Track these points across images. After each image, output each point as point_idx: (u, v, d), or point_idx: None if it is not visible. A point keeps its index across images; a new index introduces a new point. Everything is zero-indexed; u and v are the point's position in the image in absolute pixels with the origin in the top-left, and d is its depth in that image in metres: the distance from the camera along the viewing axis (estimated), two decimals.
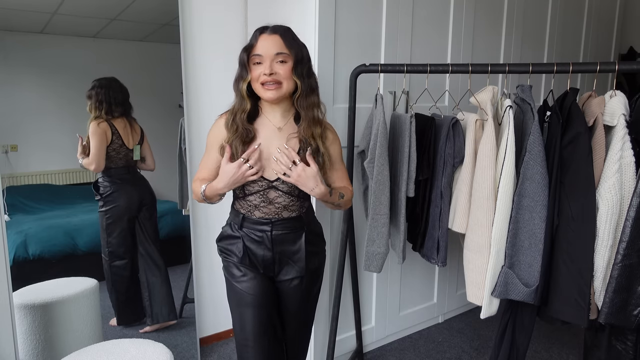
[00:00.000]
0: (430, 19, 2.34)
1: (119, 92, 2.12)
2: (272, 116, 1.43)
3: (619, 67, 1.48)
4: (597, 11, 3.33)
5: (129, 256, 2.21)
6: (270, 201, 1.42)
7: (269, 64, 1.33)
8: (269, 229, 1.43)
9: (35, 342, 1.92)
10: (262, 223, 1.43)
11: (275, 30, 1.35)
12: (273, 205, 1.42)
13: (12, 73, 1.88)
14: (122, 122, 2.14)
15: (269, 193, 1.41)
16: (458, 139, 1.74)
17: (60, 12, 1.92)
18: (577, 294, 1.49)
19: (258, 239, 1.44)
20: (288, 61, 1.34)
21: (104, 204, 2.14)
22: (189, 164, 2.27)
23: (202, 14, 2.24)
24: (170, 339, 2.30)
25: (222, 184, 1.37)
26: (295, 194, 1.43)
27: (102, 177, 2.14)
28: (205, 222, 2.39)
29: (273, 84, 1.34)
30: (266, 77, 1.33)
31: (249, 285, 1.44)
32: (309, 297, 1.58)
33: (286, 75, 1.34)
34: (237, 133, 1.38)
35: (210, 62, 2.28)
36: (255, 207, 1.43)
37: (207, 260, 2.45)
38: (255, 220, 1.44)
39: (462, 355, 2.45)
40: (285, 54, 1.34)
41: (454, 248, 2.46)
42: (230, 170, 1.35)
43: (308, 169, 1.35)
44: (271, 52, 1.33)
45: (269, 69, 1.32)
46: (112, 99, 2.09)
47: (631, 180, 1.42)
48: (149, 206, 2.29)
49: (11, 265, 1.81)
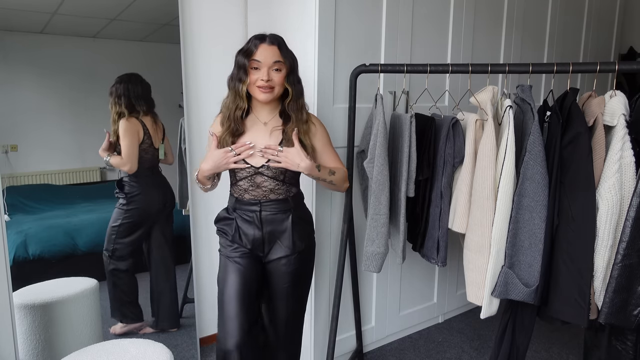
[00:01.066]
0: (430, 18, 2.34)
1: (139, 86, 2.08)
2: (260, 113, 1.61)
3: (619, 67, 1.48)
4: (597, 11, 3.33)
5: (133, 258, 2.19)
6: (258, 185, 1.59)
7: (267, 71, 1.50)
8: (258, 209, 1.59)
9: (35, 342, 1.92)
10: (252, 204, 1.60)
11: (273, 42, 1.53)
12: (260, 188, 1.59)
13: (12, 73, 1.88)
14: (149, 120, 2.13)
15: (255, 178, 1.58)
16: (458, 139, 1.74)
17: (60, 12, 1.92)
18: (577, 294, 1.49)
19: (249, 218, 1.60)
20: (282, 69, 1.53)
21: (126, 202, 2.11)
22: (189, 164, 2.27)
23: (202, 14, 2.24)
24: (170, 339, 2.30)
25: (207, 165, 1.56)
26: (281, 179, 1.58)
27: (128, 176, 2.11)
28: (205, 222, 2.39)
29: (267, 88, 1.51)
30: (263, 83, 1.50)
31: (237, 255, 1.62)
32: (298, 279, 1.67)
33: (279, 82, 1.53)
34: (230, 129, 1.56)
35: (210, 62, 2.28)
36: (245, 191, 1.60)
37: (207, 260, 2.45)
38: (246, 202, 1.61)
39: (462, 355, 2.45)
40: (281, 63, 1.52)
41: (454, 248, 2.46)
42: (216, 155, 1.54)
43: (291, 148, 1.52)
44: (269, 61, 1.50)
45: (267, 76, 1.50)
46: (131, 92, 2.06)
47: (631, 180, 1.42)
48: (169, 209, 2.28)
49: (11, 265, 1.81)
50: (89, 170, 2.16)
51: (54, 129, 2.03)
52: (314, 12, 1.94)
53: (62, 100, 2.03)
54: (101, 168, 2.19)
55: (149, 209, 2.19)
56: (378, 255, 1.86)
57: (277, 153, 1.52)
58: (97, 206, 2.14)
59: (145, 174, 2.15)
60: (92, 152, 2.13)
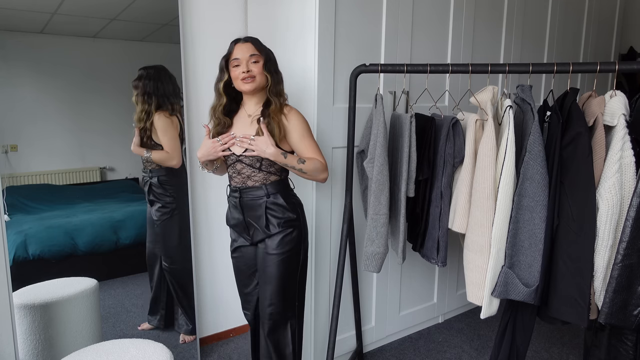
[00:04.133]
0: (430, 18, 2.34)
1: (169, 84, 2.07)
2: (248, 107, 1.77)
3: (619, 67, 1.48)
4: (597, 11, 3.33)
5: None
6: (239, 172, 1.75)
7: (245, 64, 1.67)
8: (238, 195, 1.76)
9: (35, 342, 1.92)
10: (235, 190, 1.77)
11: (247, 40, 1.71)
12: (240, 175, 1.75)
13: (12, 73, 1.88)
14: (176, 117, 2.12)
15: (236, 165, 1.75)
16: (458, 139, 1.74)
17: (60, 12, 1.92)
18: (577, 294, 1.49)
19: (234, 203, 1.79)
20: (259, 61, 1.69)
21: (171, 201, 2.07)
22: (189, 163, 2.27)
23: (202, 14, 2.24)
24: (170, 339, 2.30)
25: (200, 153, 1.76)
26: (257, 166, 1.72)
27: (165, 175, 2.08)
28: (205, 222, 2.39)
29: (249, 78, 1.68)
30: (244, 74, 1.67)
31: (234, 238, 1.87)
32: (279, 263, 1.75)
33: (259, 71, 1.69)
34: (219, 124, 1.76)
35: (211, 62, 2.28)
36: (231, 178, 1.79)
37: (207, 260, 2.45)
38: (232, 188, 1.79)
39: (462, 355, 2.45)
40: (257, 55, 1.69)
41: (454, 248, 2.46)
42: (207, 143, 1.73)
43: (261, 137, 1.66)
44: (246, 55, 1.68)
45: (246, 67, 1.67)
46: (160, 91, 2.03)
47: (631, 180, 1.42)
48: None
49: (11, 265, 1.81)
50: (89, 170, 2.16)
51: (54, 128, 2.03)
52: (314, 12, 1.94)
53: (62, 100, 2.03)
54: (101, 168, 2.19)
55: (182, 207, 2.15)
56: (378, 256, 1.86)
57: (250, 141, 1.67)
58: (97, 206, 2.15)
59: (180, 172, 2.13)
60: (92, 152, 2.13)
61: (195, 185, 2.33)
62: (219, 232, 2.44)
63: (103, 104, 2.10)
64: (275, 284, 1.75)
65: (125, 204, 2.23)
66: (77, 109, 2.06)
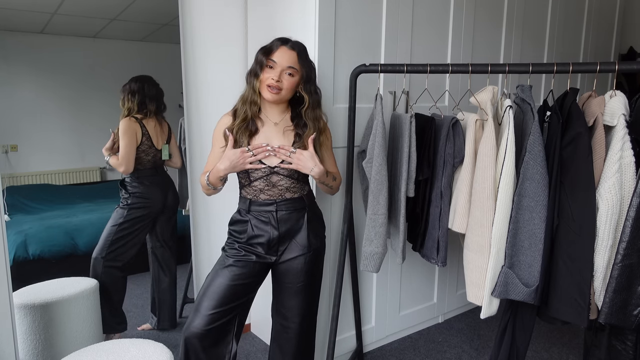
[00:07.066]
0: (430, 18, 2.34)
1: (154, 88, 2.10)
2: (270, 113, 1.63)
3: (619, 67, 1.48)
4: (597, 11, 3.33)
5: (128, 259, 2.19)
6: (274, 184, 1.59)
7: (279, 73, 1.53)
8: (274, 209, 1.60)
9: (35, 342, 1.92)
10: (268, 204, 1.60)
11: (293, 47, 1.56)
12: (276, 187, 1.60)
13: (12, 73, 1.89)
14: (152, 121, 2.13)
15: (271, 177, 1.59)
16: (458, 139, 1.74)
17: (60, 12, 1.92)
18: (577, 294, 1.49)
19: (265, 219, 1.60)
20: (295, 76, 1.55)
21: (127, 203, 2.11)
22: (189, 164, 2.27)
23: (202, 14, 2.23)
24: (170, 339, 2.30)
25: (224, 165, 1.55)
26: (296, 177, 1.60)
27: (129, 177, 2.11)
28: (205, 222, 2.39)
29: (275, 89, 1.53)
30: (272, 82, 1.53)
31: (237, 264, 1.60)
32: (312, 277, 1.69)
33: (289, 87, 1.55)
34: (245, 121, 1.57)
35: (211, 63, 2.28)
36: (260, 191, 1.60)
37: (207, 260, 2.45)
38: (262, 202, 1.61)
39: (462, 355, 2.45)
40: (295, 69, 1.54)
41: (454, 248, 2.46)
42: (233, 154, 1.53)
43: (305, 151, 1.54)
44: (284, 64, 1.53)
45: (277, 77, 1.53)
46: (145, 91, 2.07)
47: (631, 180, 1.42)
48: (172, 209, 2.28)
49: (11, 265, 1.81)
50: (89, 170, 2.16)
51: (54, 129, 2.03)
52: (314, 12, 1.94)
53: (62, 100, 2.03)
54: (101, 168, 2.19)
55: (150, 209, 2.18)
56: (376, 255, 1.86)
57: (290, 154, 1.55)
58: (97, 206, 2.15)
59: (147, 174, 2.14)
60: (92, 152, 2.13)
61: (195, 185, 2.33)
62: (219, 232, 2.44)
63: (103, 104, 2.10)
64: (308, 300, 1.71)
65: None
66: (77, 109, 2.06)
